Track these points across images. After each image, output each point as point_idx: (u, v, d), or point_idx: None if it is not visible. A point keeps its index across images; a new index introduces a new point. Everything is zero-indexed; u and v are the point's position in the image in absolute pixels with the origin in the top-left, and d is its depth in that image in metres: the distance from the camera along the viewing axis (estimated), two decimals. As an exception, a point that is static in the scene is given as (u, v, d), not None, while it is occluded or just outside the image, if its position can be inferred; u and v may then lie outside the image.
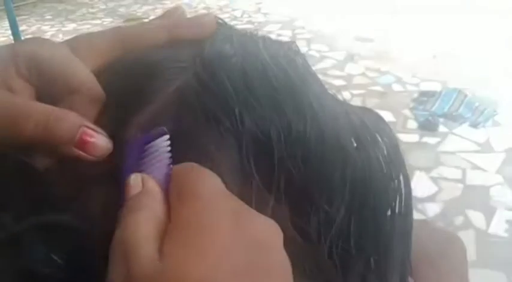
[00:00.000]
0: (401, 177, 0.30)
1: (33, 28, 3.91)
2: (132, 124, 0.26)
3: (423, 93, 2.30)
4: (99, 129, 0.25)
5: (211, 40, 0.29)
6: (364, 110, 0.32)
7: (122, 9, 4.35)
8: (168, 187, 0.23)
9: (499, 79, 2.40)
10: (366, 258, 0.28)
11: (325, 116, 0.28)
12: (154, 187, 0.23)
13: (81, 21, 4.05)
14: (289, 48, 0.30)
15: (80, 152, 0.24)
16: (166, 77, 0.27)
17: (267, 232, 0.22)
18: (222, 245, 0.20)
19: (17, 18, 2.73)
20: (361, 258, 0.28)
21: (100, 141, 0.24)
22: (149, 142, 0.24)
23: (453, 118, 2.11)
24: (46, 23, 4.08)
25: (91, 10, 4.42)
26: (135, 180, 0.23)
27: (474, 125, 2.07)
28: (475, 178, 1.77)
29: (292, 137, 0.26)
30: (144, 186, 0.23)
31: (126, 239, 0.21)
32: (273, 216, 0.25)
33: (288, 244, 0.23)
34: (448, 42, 2.85)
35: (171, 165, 0.24)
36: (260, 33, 0.32)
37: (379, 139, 0.30)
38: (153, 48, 0.29)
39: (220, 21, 0.31)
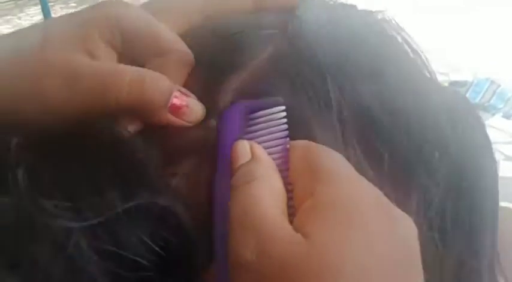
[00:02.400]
0: (488, 158, 0.30)
1: (58, 15, 3.93)
2: (226, 90, 0.24)
3: (453, 83, 2.25)
4: (191, 94, 0.23)
5: (302, 7, 0.27)
6: (451, 90, 0.31)
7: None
8: (287, 161, 0.21)
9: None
10: (460, 237, 0.27)
11: (423, 91, 0.27)
12: (265, 156, 0.21)
13: (105, 8, 4.06)
14: (379, 17, 0.29)
15: (173, 118, 0.22)
16: (258, 44, 0.25)
17: (409, 230, 0.20)
18: (372, 234, 0.18)
19: (44, 6, 2.75)
20: (456, 236, 0.27)
21: (194, 106, 0.23)
22: (256, 111, 0.23)
23: (485, 109, 2.06)
24: (71, 10, 4.09)
25: (115, -3, 4.43)
26: (243, 147, 0.21)
27: (507, 116, 2.02)
28: (508, 169, 1.73)
29: (395, 109, 0.25)
30: (254, 155, 0.21)
31: (250, 213, 0.19)
32: None
33: None
34: (480, 34, 2.79)
35: (288, 139, 0.22)
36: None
37: (469, 119, 0.29)
38: (239, 14, 0.27)
39: None
